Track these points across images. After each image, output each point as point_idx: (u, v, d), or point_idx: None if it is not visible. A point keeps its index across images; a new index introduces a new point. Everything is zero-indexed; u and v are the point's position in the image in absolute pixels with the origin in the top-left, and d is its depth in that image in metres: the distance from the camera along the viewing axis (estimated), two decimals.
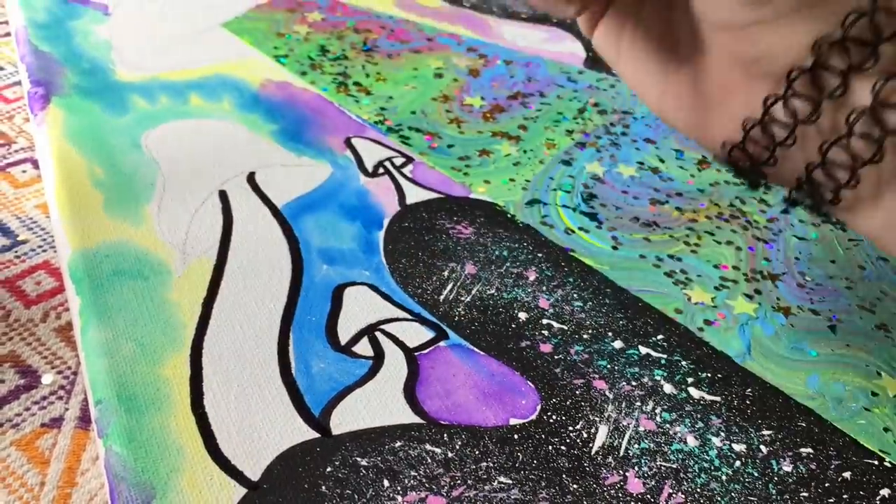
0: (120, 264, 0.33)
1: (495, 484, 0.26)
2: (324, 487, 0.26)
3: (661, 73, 0.28)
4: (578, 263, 0.35)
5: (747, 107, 0.26)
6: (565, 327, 0.32)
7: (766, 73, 0.25)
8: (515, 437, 0.28)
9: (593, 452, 0.28)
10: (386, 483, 0.26)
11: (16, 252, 0.35)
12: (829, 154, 0.24)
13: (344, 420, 0.28)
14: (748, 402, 0.30)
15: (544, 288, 0.34)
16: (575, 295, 0.34)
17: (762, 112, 0.25)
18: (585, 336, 0.32)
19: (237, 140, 0.41)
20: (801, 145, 0.25)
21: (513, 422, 0.28)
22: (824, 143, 0.24)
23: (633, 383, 0.30)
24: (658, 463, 0.27)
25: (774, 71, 0.25)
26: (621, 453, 0.28)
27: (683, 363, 0.31)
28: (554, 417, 0.29)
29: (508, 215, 0.38)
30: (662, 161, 0.44)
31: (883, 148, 0.23)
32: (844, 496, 0.27)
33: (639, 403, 0.29)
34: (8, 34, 0.51)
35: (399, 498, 0.26)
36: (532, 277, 0.34)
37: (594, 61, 0.50)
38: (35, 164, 0.40)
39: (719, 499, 0.26)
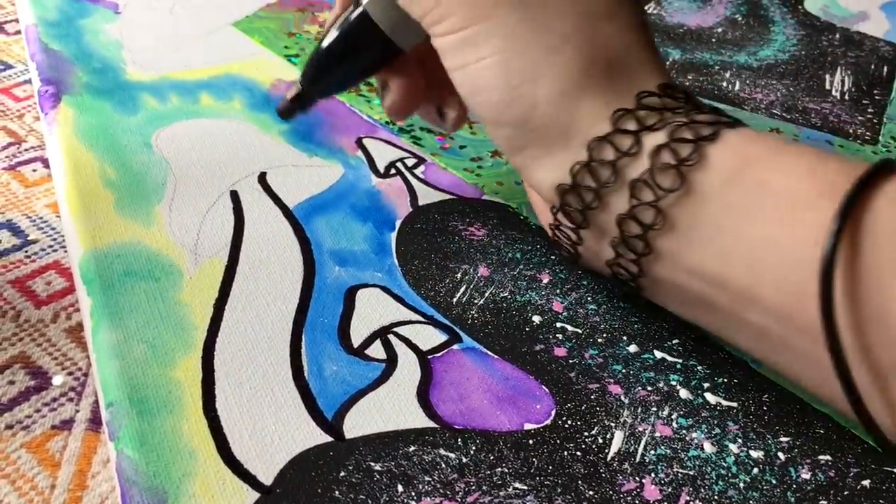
0: (131, 265, 0.32)
1: (510, 490, 0.26)
2: (337, 492, 0.25)
3: None
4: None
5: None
6: (580, 331, 0.32)
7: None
8: (530, 442, 0.28)
9: (609, 458, 0.27)
10: (400, 488, 0.26)
11: (26, 252, 0.35)
12: (634, 196, 0.28)
13: (357, 424, 0.28)
14: (765, 407, 0.29)
15: (558, 291, 0.34)
16: (589, 298, 0.33)
17: (570, 180, 0.29)
18: (600, 340, 0.32)
19: (248, 140, 0.41)
20: (608, 209, 0.29)
21: (527, 427, 0.28)
22: (631, 190, 0.28)
23: (649, 388, 0.30)
24: (675, 469, 0.27)
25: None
26: (637, 459, 0.27)
27: (699, 368, 0.31)
28: (569, 422, 0.28)
29: (521, 217, 0.38)
30: None
31: (682, 174, 0.27)
32: None
33: (655, 409, 0.29)
34: (18, 32, 0.51)
35: (413, 503, 0.25)
36: (545, 280, 0.34)
37: None
38: (45, 163, 0.40)
39: None
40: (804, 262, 0.25)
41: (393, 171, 0.40)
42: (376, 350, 0.30)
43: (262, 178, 0.38)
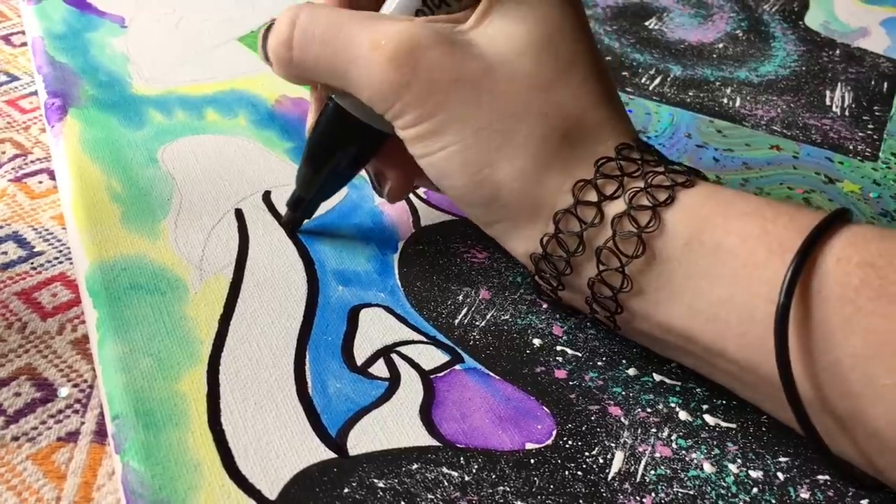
0: (137, 278, 0.33)
1: None
2: None
3: None
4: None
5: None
6: (579, 354, 0.32)
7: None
8: (532, 461, 0.28)
9: (610, 478, 0.28)
10: None
11: (32, 264, 0.35)
12: (602, 263, 0.29)
13: (360, 441, 0.28)
14: (764, 428, 0.30)
15: (557, 315, 0.34)
16: (588, 323, 0.34)
17: (541, 253, 0.30)
18: (600, 363, 0.32)
19: (253, 157, 0.41)
20: (580, 273, 0.30)
21: (529, 446, 0.28)
22: (598, 258, 0.29)
23: (649, 410, 0.30)
24: (675, 489, 0.27)
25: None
26: (638, 479, 0.28)
27: (698, 390, 0.31)
28: (570, 443, 0.29)
29: None
30: None
31: (644, 241, 0.28)
32: None
33: (654, 430, 0.29)
34: (24, 44, 0.52)
35: None
36: (545, 305, 0.34)
37: None
38: (51, 175, 0.40)
39: None
40: (761, 319, 0.26)
41: None
42: (379, 368, 0.31)
43: (266, 196, 0.38)
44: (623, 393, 0.31)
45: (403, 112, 0.30)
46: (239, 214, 0.37)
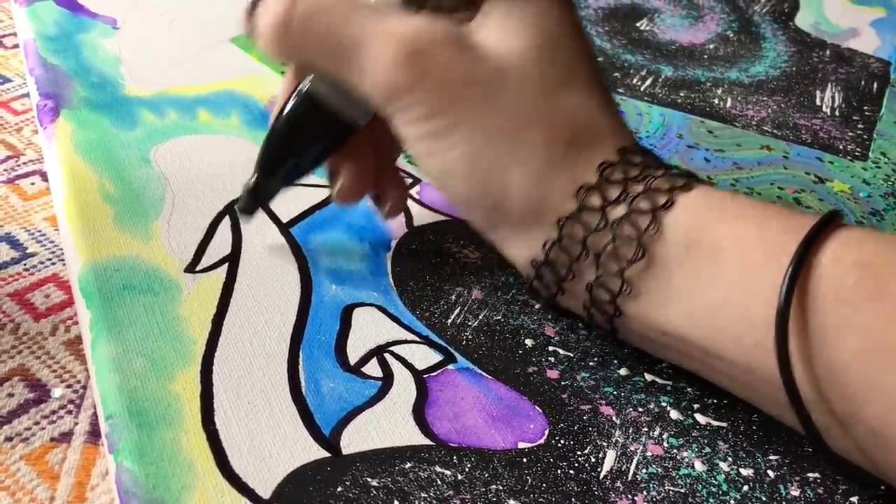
0: (130, 279, 0.33)
1: None
2: None
3: None
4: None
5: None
6: (571, 354, 0.32)
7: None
8: (524, 460, 0.28)
9: (602, 476, 0.28)
10: None
11: (24, 265, 0.35)
12: (601, 267, 0.29)
13: (354, 440, 0.28)
14: (754, 427, 0.30)
15: (550, 316, 0.34)
16: (580, 324, 0.34)
17: (543, 256, 0.30)
18: (591, 363, 0.32)
19: (245, 157, 0.41)
20: (580, 278, 0.30)
21: (521, 445, 0.29)
22: (598, 262, 0.29)
23: (640, 409, 0.30)
24: (667, 487, 0.28)
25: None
26: (629, 477, 0.28)
27: (689, 389, 0.31)
28: (562, 442, 0.29)
29: None
30: None
31: (643, 245, 0.28)
32: None
33: (646, 429, 0.30)
34: (16, 46, 0.52)
35: None
36: (537, 305, 0.35)
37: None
38: (44, 176, 0.40)
39: None
40: (759, 321, 0.26)
41: None
42: (373, 368, 0.31)
43: None
44: (615, 392, 0.31)
45: (410, 108, 0.29)
46: (232, 214, 0.37)
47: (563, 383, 0.31)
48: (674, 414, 0.30)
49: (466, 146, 0.29)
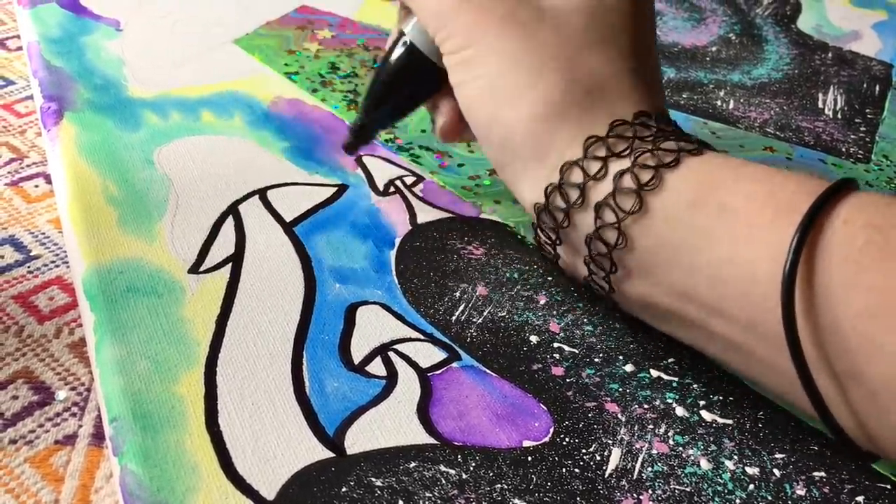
0: (134, 281, 0.33)
1: None
2: None
3: None
4: (588, 288, 0.35)
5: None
6: (576, 351, 0.32)
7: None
8: (529, 459, 0.28)
9: (607, 475, 0.28)
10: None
11: (28, 267, 0.35)
12: (600, 219, 0.30)
13: (358, 440, 0.28)
14: (760, 424, 0.30)
15: (554, 312, 0.34)
16: (585, 319, 0.34)
17: (544, 198, 0.32)
18: (596, 360, 0.32)
19: (249, 157, 0.41)
20: (579, 229, 0.31)
21: (526, 444, 0.28)
22: (597, 213, 0.30)
23: (645, 406, 0.30)
24: (672, 486, 0.27)
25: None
26: (635, 476, 0.28)
27: (695, 386, 0.31)
28: (567, 440, 0.29)
29: (518, 236, 0.38)
30: None
31: (642, 197, 0.29)
32: None
33: (651, 426, 0.29)
34: (19, 48, 0.52)
35: None
36: (542, 301, 0.34)
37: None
38: (47, 178, 0.40)
39: None
40: (765, 277, 0.26)
41: (392, 188, 0.40)
42: (377, 367, 0.31)
43: (263, 195, 0.38)
44: (620, 389, 0.31)
45: (451, 36, 0.32)
46: (236, 213, 0.37)
47: (567, 380, 0.31)
48: (679, 411, 0.30)
49: (489, 76, 0.31)
